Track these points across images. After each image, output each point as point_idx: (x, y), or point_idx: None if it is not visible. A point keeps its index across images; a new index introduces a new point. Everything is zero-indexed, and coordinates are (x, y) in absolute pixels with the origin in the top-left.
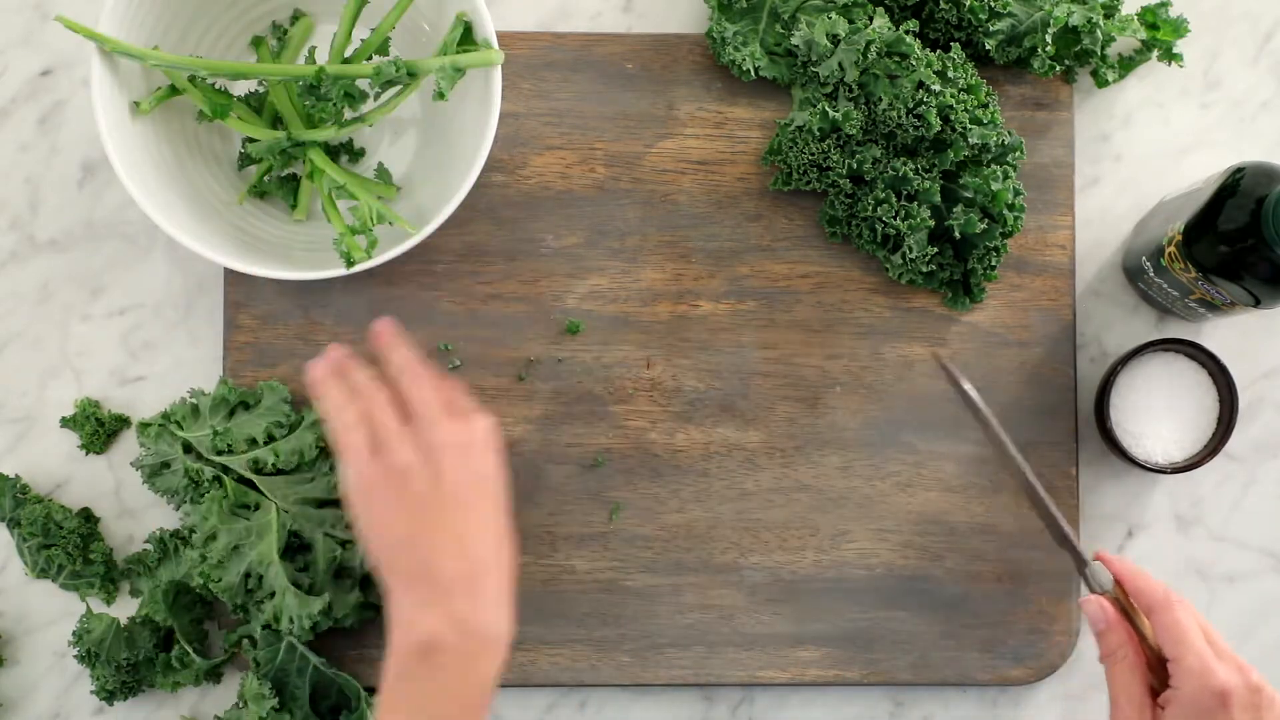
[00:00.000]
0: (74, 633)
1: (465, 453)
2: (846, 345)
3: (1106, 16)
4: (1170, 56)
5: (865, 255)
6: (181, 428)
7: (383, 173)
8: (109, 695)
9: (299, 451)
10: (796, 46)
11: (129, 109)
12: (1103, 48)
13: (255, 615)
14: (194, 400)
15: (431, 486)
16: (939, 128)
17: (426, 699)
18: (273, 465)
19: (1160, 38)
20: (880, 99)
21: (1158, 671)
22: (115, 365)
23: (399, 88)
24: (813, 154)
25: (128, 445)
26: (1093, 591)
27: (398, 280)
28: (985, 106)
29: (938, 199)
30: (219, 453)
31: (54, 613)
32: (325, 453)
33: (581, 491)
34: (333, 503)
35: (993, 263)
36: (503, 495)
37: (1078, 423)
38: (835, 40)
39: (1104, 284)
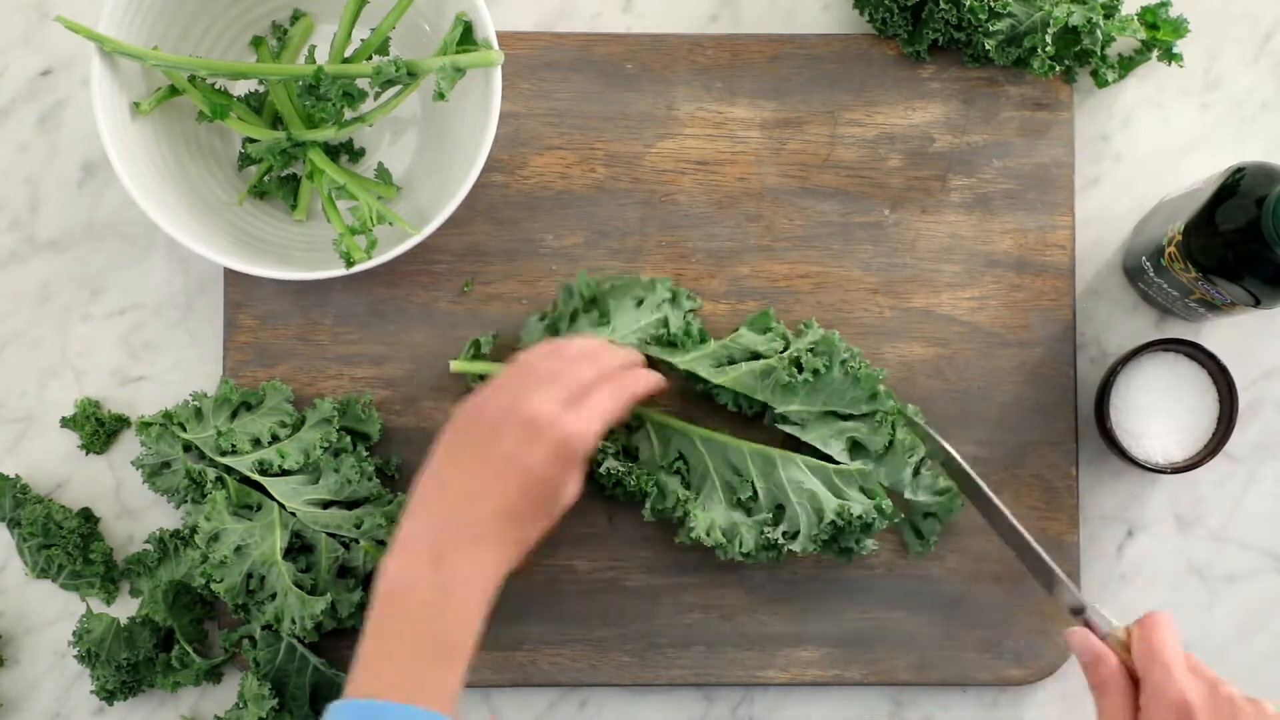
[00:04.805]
0: (74, 633)
1: (527, 431)
2: None
3: (1106, 16)
4: (1170, 56)
5: (865, 255)
6: (185, 430)
7: (383, 173)
8: (109, 695)
9: (305, 452)
10: None
11: (129, 109)
12: (1103, 48)
13: (256, 615)
14: (196, 403)
15: (475, 444)
16: None
17: (404, 639)
18: (279, 466)
19: (1160, 38)
20: None
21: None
22: (115, 365)
23: (399, 88)
24: None
25: (128, 445)
26: (1099, 635)
27: (398, 280)
28: None
29: None
30: (223, 453)
31: (54, 613)
32: (330, 453)
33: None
34: (337, 504)
35: None
36: (536, 481)
37: (1078, 423)
38: None
39: (1104, 284)
